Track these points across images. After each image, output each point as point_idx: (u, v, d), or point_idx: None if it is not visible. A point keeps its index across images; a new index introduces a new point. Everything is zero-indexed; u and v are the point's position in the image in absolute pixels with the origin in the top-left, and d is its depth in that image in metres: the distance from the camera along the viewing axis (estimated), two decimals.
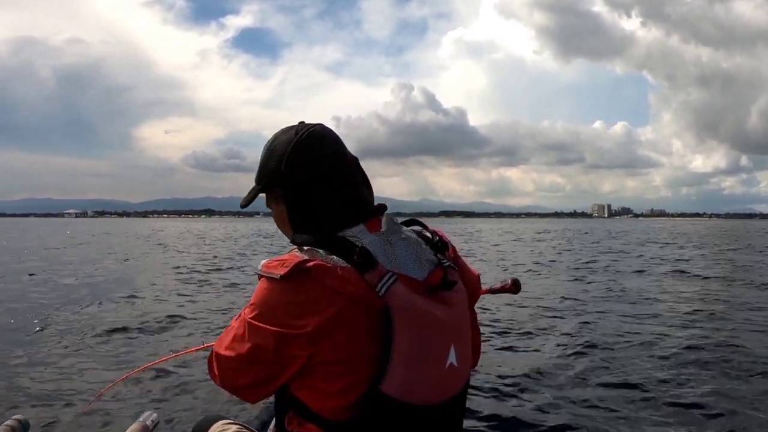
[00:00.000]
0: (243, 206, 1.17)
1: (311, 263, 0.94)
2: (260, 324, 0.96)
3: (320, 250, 0.97)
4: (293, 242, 1.04)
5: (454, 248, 1.14)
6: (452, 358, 1.02)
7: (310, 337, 0.93)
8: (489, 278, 10.26)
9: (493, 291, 1.41)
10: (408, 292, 0.96)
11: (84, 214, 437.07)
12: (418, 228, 1.12)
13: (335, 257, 0.96)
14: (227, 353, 1.02)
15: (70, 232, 45.97)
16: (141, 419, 1.92)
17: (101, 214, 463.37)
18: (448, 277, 1.03)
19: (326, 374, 0.96)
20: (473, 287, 1.17)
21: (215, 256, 17.41)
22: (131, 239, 32.02)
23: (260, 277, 1.00)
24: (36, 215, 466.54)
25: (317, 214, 1.05)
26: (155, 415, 1.98)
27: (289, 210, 1.08)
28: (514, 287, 1.37)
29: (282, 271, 0.94)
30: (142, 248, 22.91)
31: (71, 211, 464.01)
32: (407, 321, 0.94)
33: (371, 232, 1.02)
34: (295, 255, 0.98)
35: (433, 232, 1.12)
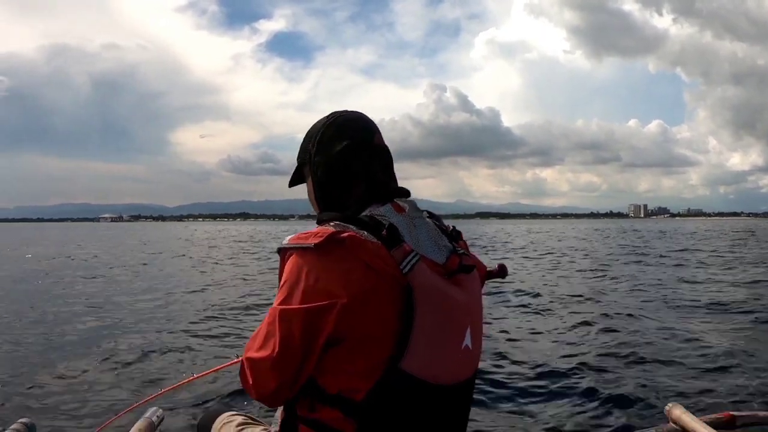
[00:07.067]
0: (290, 186, 1.22)
1: (345, 234, 0.94)
2: (291, 306, 0.95)
3: (350, 225, 0.97)
4: (319, 221, 1.04)
5: (465, 242, 1.17)
6: (467, 341, 1.04)
7: (343, 308, 0.92)
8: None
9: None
10: (430, 273, 0.98)
11: (120, 219, 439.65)
12: (433, 219, 1.15)
13: (365, 232, 0.96)
14: (257, 355, 0.99)
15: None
16: (147, 415, 1.92)
17: (136, 218, 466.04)
18: (464, 263, 1.07)
19: (350, 352, 0.95)
20: (481, 279, 1.22)
21: None
22: None
23: (286, 253, 0.98)
24: (72, 220, 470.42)
25: (341, 193, 1.09)
26: (160, 410, 1.98)
27: (315, 187, 1.12)
28: (501, 272, 1.37)
29: (315, 240, 0.93)
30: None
31: (106, 215, 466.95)
32: (429, 300, 0.95)
33: (397, 212, 1.04)
34: (325, 228, 0.97)
35: (446, 225, 1.16)
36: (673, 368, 4.27)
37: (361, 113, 1.16)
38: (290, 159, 1.13)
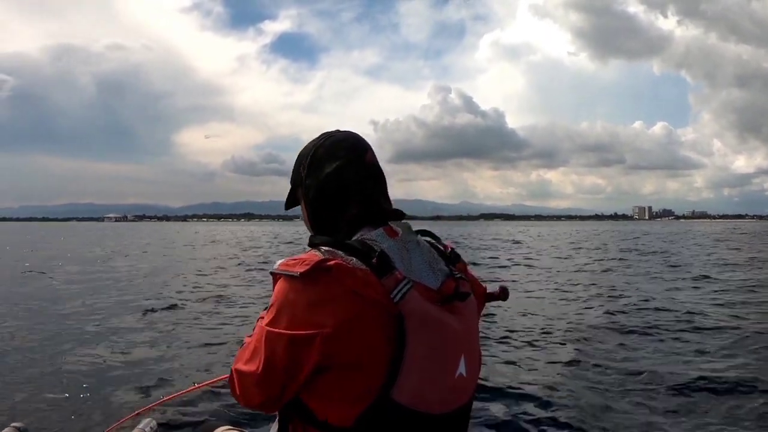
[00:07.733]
0: (286, 209, 1.21)
1: (332, 262, 0.93)
2: (277, 330, 0.95)
3: (339, 252, 0.97)
4: (310, 244, 1.03)
5: (464, 263, 1.15)
6: (462, 369, 1.01)
7: (327, 338, 0.91)
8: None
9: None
10: (422, 301, 0.96)
11: (124, 219, 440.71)
12: (430, 239, 1.14)
13: (354, 259, 0.95)
14: (244, 368, 1.01)
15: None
16: (140, 426, 1.89)
17: (141, 218, 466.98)
18: (461, 289, 1.05)
19: (338, 379, 0.94)
20: (480, 300, 1.20)
21: None
22: None
23: (277, 276, 0.99)
24: (77, 219, 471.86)
25: (334, 215, 1.08)
26: (154, 422, 1.96)
27: (309, 210, 1.13)
28: (503, 294, 1.36)
29: (302, 269, 0.93)
30: None
31: (111, 215, 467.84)
32: (421, 329, 0.94)
33: (390, 237, 1.03)
34: (314, 254, 0.97)
35: (445, 246, 1.14)
36: (679, 399, 4.05)
37: (352, 132, 1.15)
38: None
